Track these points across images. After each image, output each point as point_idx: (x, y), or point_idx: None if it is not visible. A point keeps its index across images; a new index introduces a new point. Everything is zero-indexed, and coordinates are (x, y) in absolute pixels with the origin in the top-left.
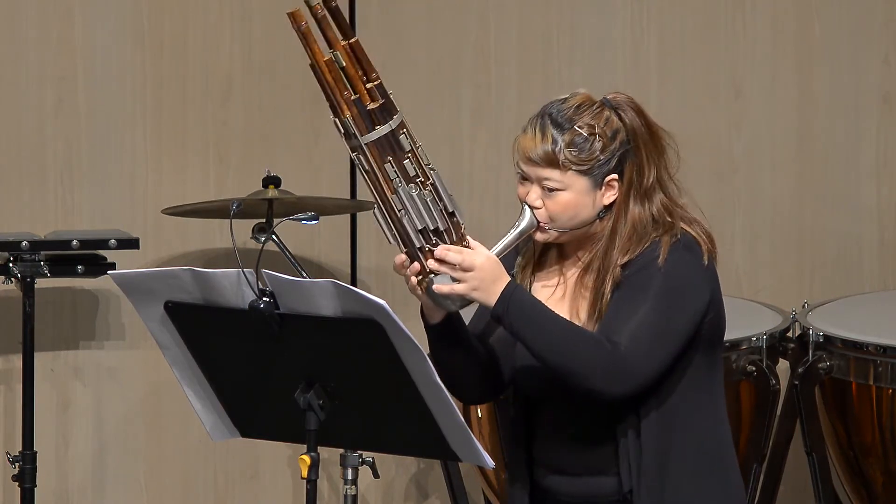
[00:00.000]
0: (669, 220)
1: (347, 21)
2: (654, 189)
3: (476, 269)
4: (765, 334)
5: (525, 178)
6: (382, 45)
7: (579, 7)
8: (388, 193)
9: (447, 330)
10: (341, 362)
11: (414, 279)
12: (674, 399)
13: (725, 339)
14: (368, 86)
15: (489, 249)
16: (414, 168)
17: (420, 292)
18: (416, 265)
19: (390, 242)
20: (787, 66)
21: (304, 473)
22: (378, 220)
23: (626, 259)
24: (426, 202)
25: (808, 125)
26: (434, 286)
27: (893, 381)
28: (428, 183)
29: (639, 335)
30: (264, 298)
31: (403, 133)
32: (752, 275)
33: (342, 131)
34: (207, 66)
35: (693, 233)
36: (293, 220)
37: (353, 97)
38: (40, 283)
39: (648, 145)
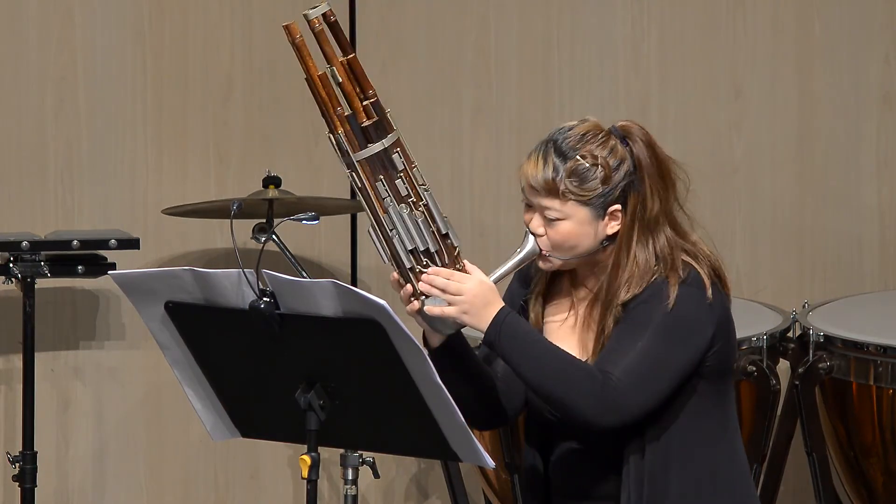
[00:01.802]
0: (671, 257)
1: (346, 36)
2: (659, 222)
3: (465, 294)
4: (765, 334)
5: (529, 205)
6: (383, 46)
7: (580, 7)
8: (380, 212)
9: (448, 354)
10: (342, 362)
11: (407, 300)
12: (679, 426)
13: None
14: (364, 103)
15: (488, 275)
16: (406, 188)
17: (415, 315)
18: (409, 286)
19: (384, 262)
20: (787, 66)
21: (305, 473)
22: (372, 239)
23: (628, 296)
24: (417, 223)
25: (808, 125)
26: (425, 307)
27: (894, 382)
28: (421, 203)
29: (632, 368)
30: (265, 298)
31: (397, 152)
32: (752, 275)
33: (336, 148)
34: (208, 66)
35: (696, 266)
36: (293, 220)
37: (346, 114)
38: (40, 283)
39: (654, 177)
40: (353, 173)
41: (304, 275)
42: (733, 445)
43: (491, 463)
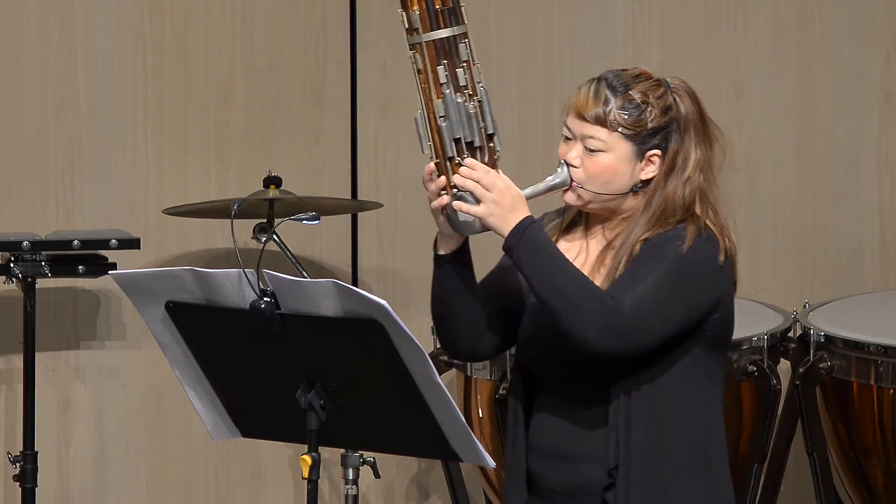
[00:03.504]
0: (697, 210)
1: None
2: (693, 176)
3: (496, 192)
4: (766, 334)
5: (568, 139)
6: (383, 46)
7: (580, 7)
8: (435, 97)
9: (454, 263)
10: (342, 362)
11: (436, 193)
12: (666, 386)
13: None
14: None
15: None
16: (465, 79)
17: (440, 212)
18: (442, 180)
19: (423, 151)
20: (788, 65)
21: (305, 473)
22: (417, 125)
23: (646, 235)
24: (469, 115)
25: (809, 125)
26: (455, 203)
27: (894, 381)
28: (475, 98)
29: (641, 300)
30: (265, 298)
31: (464, 43)
32: (753, 275)
33: (406, 25)
34: (208, 66)
35: (716, 231)
36: (294, 220)
37: None
38: (41, 283)
39: (699, 132)
40: (417, 54)
41: (305, 275)
42: (715, 422)
43: (492, 463)
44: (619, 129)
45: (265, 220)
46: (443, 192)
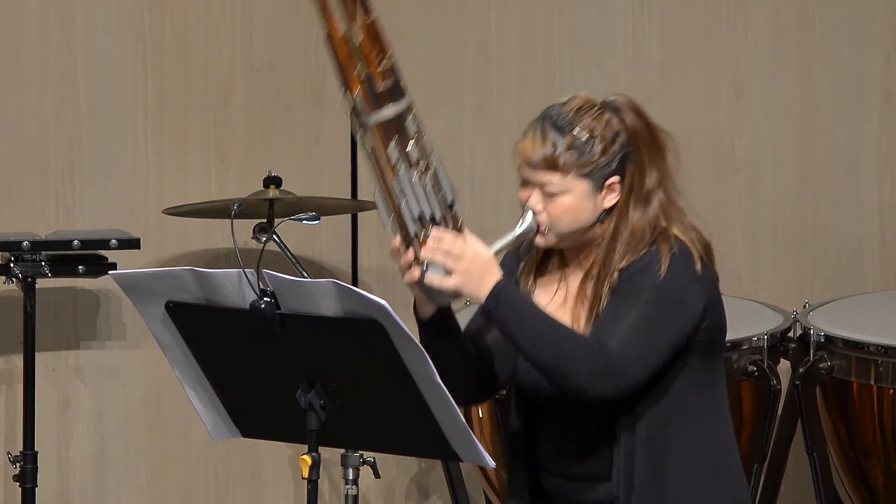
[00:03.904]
0: (664, 224)
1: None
2: (654, 192)
3: (465, 261)
4: (766, 334)
5: (526, 183)
6: None
7: (580, 7)
8: (390, 176)
9: (438, 325)
10: (342, 362)
11: (406, 268)
12: (670, 402)
13: (726, 339)
14: (382, 66)
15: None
16: (417, 153)
17: (412, 283)
18: (410, 254)
19: (386, 228)
20: (788, 65)
21: (305, 473)
22: (378, 203)
23: (623, 264)
24: (426, 189)
25: (809, 125)
26: (426, 276)
27: (894, 381)
28: (429, 170)
29: (626, 338)
30: (265, 298)
31: (410, 117)
32: (753, 275)
33: (350, 108)
34: (208, 66)
35: (687, 241)
36: (294, 220)
37: (363, 75)
38: (41, 283)
39: (650, 147)
40: (366, 135)
41: (305, 275)
42: (723, 424)
43: (491, 463)
44: (573, 171)
45: (265, 220)
46: (412, 265)
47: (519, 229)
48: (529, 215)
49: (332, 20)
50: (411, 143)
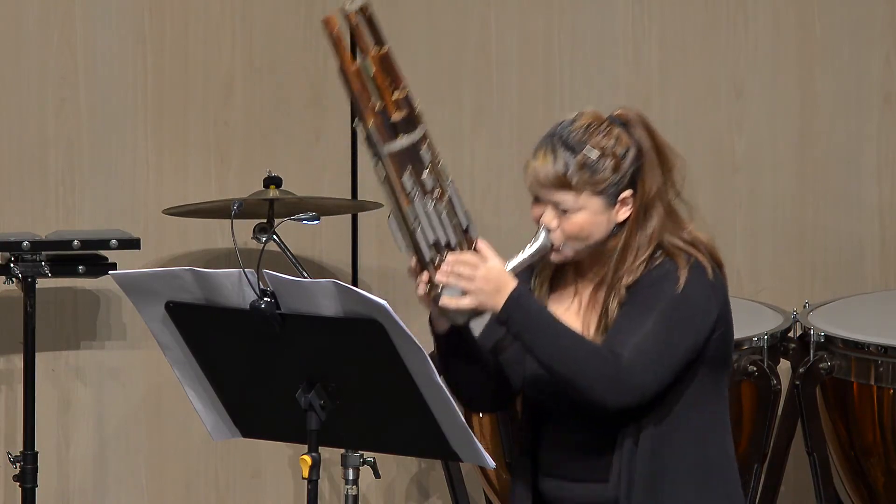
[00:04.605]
0: (675, 235)
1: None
2: (660, 206)
3: (479, 280)
4: (766, 334)
5: (538, 200)
6: None
7: (580, 7)
8: (405, 204)
9: (455, 339)
10: (342, 362)
11: (423, 288)
12: (676, 411)
13: None
14: (395, 96)
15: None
16: (432, 181)
17: (427, 301)
18: (426, 274)
19: (402, 251)
20: (788, 65)
21: (305, 474)
22: (392, 228)
23: (631, 279)
24: (441, 216)
25: (809, 125)
26: (441, 300)
27: (894, 381)
28: (444, 197)
29: (642, 348)
30: (265, 298)
31: (425, 145)
32: (753, 275)
33: (365, 139)
34: (209, 66)
35: (700, 251)
36: (294, 220)
37: (378, 107)
38: (41, 284)
39: (655, 161)
40: (381, 165)
41: (305, 275)
42: (724, 437)
43: (491, 463)
44: (586, 189)
45: (265, 221)
46: (428, 285)
47: (533, 247)
48: (543, 233)
49: (345, 54)
50: (426, 172)
